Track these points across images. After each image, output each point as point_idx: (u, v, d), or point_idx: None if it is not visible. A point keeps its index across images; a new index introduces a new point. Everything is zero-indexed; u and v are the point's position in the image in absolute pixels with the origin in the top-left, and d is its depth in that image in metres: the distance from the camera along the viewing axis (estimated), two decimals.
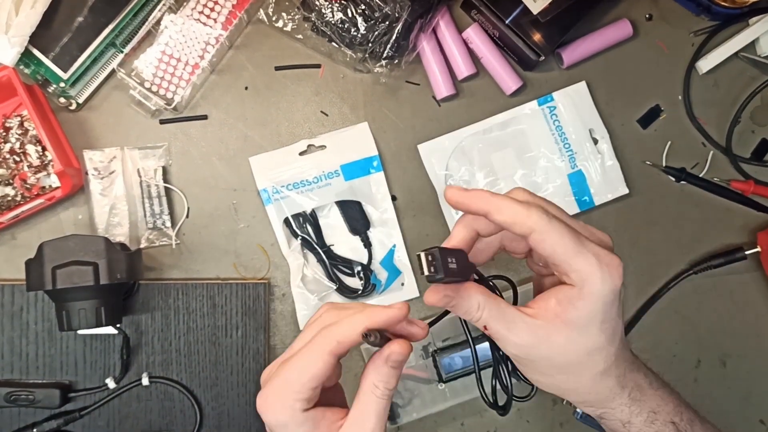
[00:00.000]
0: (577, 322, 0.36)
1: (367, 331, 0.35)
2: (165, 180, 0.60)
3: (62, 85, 0.58)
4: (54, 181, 0.58)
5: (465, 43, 0.62)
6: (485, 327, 0.38)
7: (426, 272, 0.34)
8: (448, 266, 0.35)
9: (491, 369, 0.59)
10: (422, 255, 0.34)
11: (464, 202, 0.36)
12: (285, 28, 0.61)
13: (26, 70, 0.58)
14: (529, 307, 0.38)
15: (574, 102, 0.63)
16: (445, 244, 0.38)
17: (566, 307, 0.36)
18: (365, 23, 0.57)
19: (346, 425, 0.36)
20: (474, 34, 0.61)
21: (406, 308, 0.36)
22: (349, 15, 0.57)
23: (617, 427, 0.41)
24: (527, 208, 0.35)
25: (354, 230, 0.61)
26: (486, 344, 0.59)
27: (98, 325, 0.52)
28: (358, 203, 0.61)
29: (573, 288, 0.36)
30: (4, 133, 0.58)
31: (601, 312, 0.36)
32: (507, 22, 0.58)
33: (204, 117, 0.62)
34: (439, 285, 0.36)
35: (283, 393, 0.35)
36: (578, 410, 0.61)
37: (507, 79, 0.62)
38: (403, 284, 0.62)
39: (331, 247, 0.61)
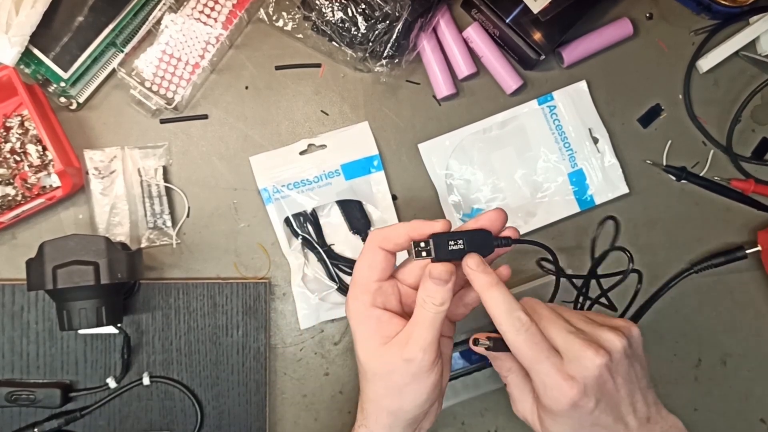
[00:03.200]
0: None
1: (414, 240, 0.41)
2: (165, 179, 0.60)
3: (63, 84, 0.58)
4: (54, 180, 0.59)
5: (465, 42, 0.62)
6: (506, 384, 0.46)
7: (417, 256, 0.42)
8: (448, 249, 0.41)
9: (491, 368, 0.60)
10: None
11: (471, 277, 0.42)
12: (285, 28, 0.61)
13: (27, 70, 0.58)
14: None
15: (574, 101, 0.63)
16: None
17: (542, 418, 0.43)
18: (365, 22, 0.57)
19: (403, 331, 0.42)
20: (474, 33, 0.62)
21: (447, 224, 0.42)
22: (350, 14, 0.57)
23: None
24: (509, 313, 0.41)
25: (355, 229, 0.61)
26: None
27: (99, 324, 0.52)
28: (359, 202, 0.61)
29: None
30: (5, 133, 0.58)
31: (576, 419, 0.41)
32: (507, 21, 0.58)
33: (204, 116, 0.62)
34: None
35: (353, 291, 0.43)
36: None
37: (507, 78, 0.62)
38: None
39: (332, 247, 0.61)
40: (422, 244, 0.41)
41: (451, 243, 0.41)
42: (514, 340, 0.40)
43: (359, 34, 0.58)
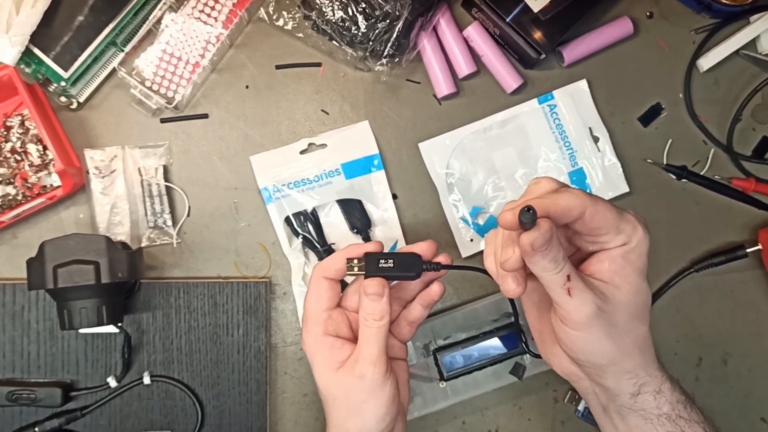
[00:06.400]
0: (641, 270, 0.40)
1: (348, 258, 0.45)
2: (166, 179, 0.60)
3: (63, 84, 0.58)
4: (55, 180, 0.59)
5: (465, 41, 0.62)
6: (568, 277, 0.38)
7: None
8: (378, 265, 0.44)
9: (492, 367, 0.60)
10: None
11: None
12: (286, 27, 0.61)
13: (27, 69, 0.58)
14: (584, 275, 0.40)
15: (574, 100, 0.63)
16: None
17: (625, 263, 0.40)
18: (366, 22, 0.57)
19: (354, 352, 0.45)
20: (474, 33, 0.62)
21: (380, 245, 0.46)
22: (350, 13, 0.57)
23: (649, 403, 0.42)
24: (570, 192, 0.38)
25: (355, 229, 0.61)
26: (488, 342, 0.59)
27: (99, 324, 0.52)
28: (359, 202, 0.61)
29: (621, 247, 0.40)
30: (5, 132, 0.58)
31: (645, 262, 0.41)
32: (507, 20, 0.58)
33: (205, 116, 0.62)
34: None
35: (306, 325, 0.46)
36: (579, 408, 0.61)
37: (507, 77, 0.62)
38: None
39: (332, 246, 0.61)
40: (355, 260, 0.45)
41: (382, 261, 0.45)
42: (597, 209, 0.39)
43: (359, 33, 0.58)
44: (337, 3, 0.57)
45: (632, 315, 0.40)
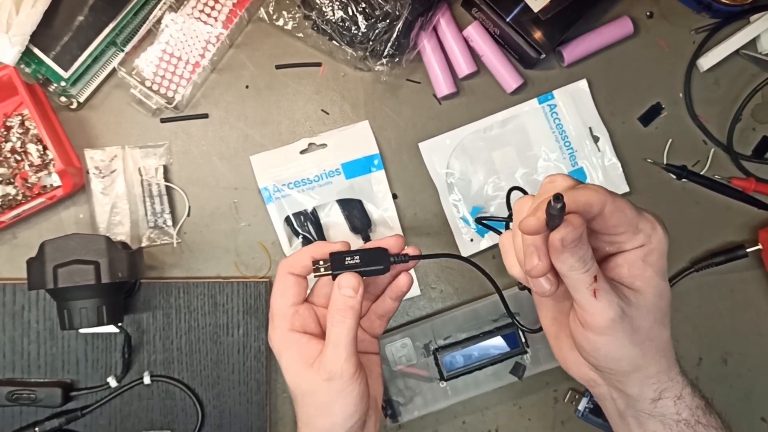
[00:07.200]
0: (662, 272, 0.39)
1: (314, 260, 0.44)
2: (166, 179, 0.60)
3: (63, 84, 0.58)
4: (55, 180, 0.59)
5: (466, 41, 0.62)
6: (595, 278, 0.37)
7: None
8: (344, 263, 0.43)
9: (492, 367, 0.60)
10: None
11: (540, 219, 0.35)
12: (286, 27, 0.61)
13: (27, 69, 0.58)
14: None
15: (574, 100, 0.63)
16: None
17: (645, 266, 0.38)
18: (366, 21, 0.57)
19: (321, 354, 0.43)
20: (475, 32, 0.62)
21: (346, 245, 0.45)
22: (350, 13, 0.57)
23: (669, 409, 0.41)
24: (588, 188, 0.36)
25: (355, 229, 0.61)
26: (488, 342, 0.59)
27: (99, 323, 0.52)
28: (359, 202, 0.61)
29: (639, 249, 0.38)
30: (5, 132, 0.58)
31: (665, 263, 0.39)
32: (508, 20, 0.58)
33: (205, 116, 0.62)
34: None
35: (272, 322, 0.45)
36: (579, 408, 0.61)
37: (507, 77, 0.62)
38: None
39: None
40: (321, 262, 0.44)
41: (348, 259, 0.43)
42: (617, 205, 0.37)
43: (360, 33, 0.58)
44: (337, 3, 0.57)
45: (655, 319, 0.39)
